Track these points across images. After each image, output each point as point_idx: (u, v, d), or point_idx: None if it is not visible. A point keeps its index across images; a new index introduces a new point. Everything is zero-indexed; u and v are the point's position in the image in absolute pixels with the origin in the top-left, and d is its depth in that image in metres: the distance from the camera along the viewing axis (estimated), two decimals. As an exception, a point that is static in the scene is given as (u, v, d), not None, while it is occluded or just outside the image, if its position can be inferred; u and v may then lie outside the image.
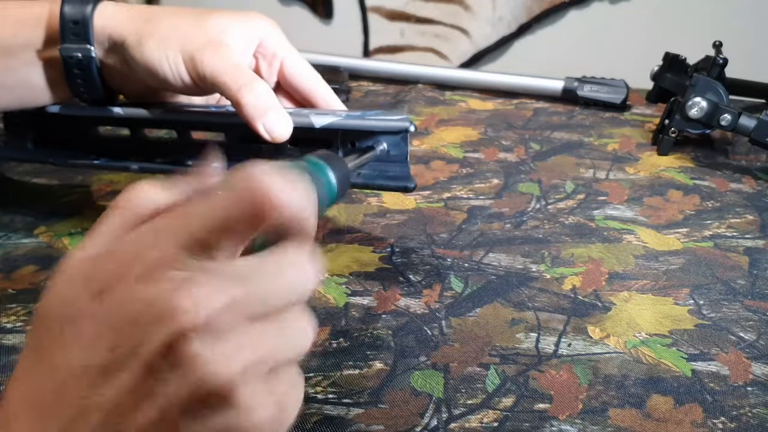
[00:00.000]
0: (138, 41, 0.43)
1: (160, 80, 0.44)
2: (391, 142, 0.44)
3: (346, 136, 0.45)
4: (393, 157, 0.45)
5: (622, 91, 0.83)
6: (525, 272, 0.48)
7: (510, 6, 1.52)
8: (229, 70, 0.42)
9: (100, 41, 0.45)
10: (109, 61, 0.46)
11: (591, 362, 0.39)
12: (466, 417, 0.35)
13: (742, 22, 1.32)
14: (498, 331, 0.42)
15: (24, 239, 0.53)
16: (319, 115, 0.45)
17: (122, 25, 0.44)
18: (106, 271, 0.23)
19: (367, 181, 0.46)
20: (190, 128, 0.50)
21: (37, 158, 0.55)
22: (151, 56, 0.43)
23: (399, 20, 1.62)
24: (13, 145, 0.54)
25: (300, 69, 0.47)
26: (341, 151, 0.46)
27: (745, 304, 0.45)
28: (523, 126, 0.78)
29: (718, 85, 0.65)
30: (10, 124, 0.53)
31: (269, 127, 0.42)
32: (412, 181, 0.46)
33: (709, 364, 0.39)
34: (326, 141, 0.46)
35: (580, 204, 0.58)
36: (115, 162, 0.52)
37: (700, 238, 0.53)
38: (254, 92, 0.41)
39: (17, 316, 0.44)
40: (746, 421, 0.35)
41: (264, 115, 0.41)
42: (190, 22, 0.44)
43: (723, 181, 0.63)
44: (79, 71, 0.45)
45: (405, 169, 0.45)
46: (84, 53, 0.44)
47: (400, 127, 0.44)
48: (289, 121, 0.42)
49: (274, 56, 0.47)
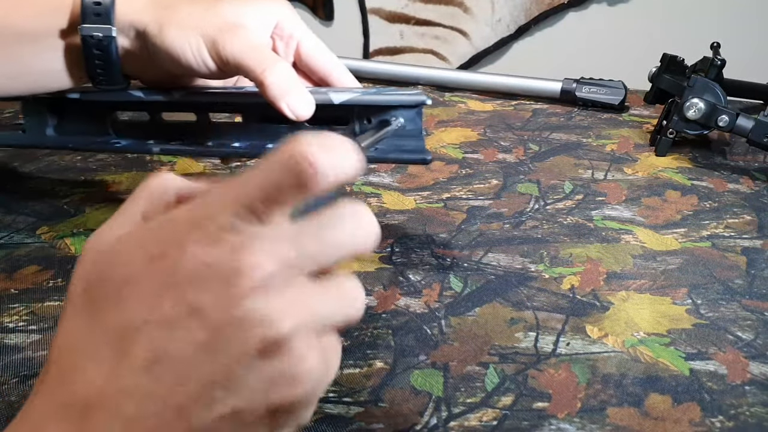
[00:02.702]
0: (159, 29, 0.44)
1: (183, 67, 0.44)
2: (406, 117, 0.45)
3: (362, 112, 0.46)
4: (408, 132, 0.46)
5: (621, 93, 0.83)
6: (524, 272, 0.48)
7: (509, 8, 1.52)
8: (252, 52, 0.43)
9: (121, 27, 0.45)
10: (130, 47, 0.46)
11: (589, 361, 0.39)
12: (465, 415, 0.36)
13: (740, 24, 1.32)
14: (497, 330, 0.42)
15: (26, 239, 0.53)
16: (337, 93, 0.46)
17: (142, 11, 0.45)
18: (161, 238, 0.24)
19: (383, 155, 0.47)
20: (210, 110, 0.51)
21: (57, 145, 0.55)
22: (172, 43, 0.43)
23: (399, 22, 1.62)
24: (33, 133, 0.54)
25: (317, 50, 0.48)
26: (358, 127, 0.47)
27: (743, 303, 0.45)
28: (522, 127, 0.78)
29: (715, 86, 0.66)
30: (29, 112, 0.53)
31: (293, 106, 0.42)
32: (428, 154, 0.47)
33: (707, 363, 0.39)
34: (343, 118, 0.47)
35: (578, 204, 0.59)
36: (136, 144, 0.52)
37: (697, 238, 0.53)
38: (277, 73, 0.42)
39: (19, 316, 0.44)
40: (744, 420, 0.35)
41: (287, 95, 0.42)
42: (206, 8, 0.44)
43: (721, 182, 0.63)
44: (99, 52, 0.45)
45: (420, 143, 0.46)
46: (105, 33, 0.44)
47: (417, 101, 0.45)
48: (311, 99, 0.43)
49: (291, 37, 0.47)
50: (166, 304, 0.23)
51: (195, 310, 0.23)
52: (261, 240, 0.24)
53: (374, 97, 0.46)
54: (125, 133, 0.53)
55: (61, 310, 0.27)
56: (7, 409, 0.36)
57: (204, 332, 0.23)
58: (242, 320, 0.23)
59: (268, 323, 0.23)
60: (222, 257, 0.23)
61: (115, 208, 0.27)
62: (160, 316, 0.23)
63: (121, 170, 0.66)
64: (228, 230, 0.24)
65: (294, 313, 0.23)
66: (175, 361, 0.23)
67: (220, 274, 0.23)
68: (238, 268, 0.23)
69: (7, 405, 0.36)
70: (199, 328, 0.23)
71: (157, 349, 0.23)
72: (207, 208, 0.25)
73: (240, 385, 0.23)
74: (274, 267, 0.23)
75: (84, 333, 0.25)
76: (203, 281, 0.23)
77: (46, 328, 0.43)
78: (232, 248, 0.23)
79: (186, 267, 0.23)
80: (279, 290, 0.23)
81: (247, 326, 0.23)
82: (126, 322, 0.24)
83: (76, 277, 0.26)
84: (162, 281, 0.24)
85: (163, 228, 0.25)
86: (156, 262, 0.24)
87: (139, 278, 0.24)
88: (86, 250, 0.26)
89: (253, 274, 0.23)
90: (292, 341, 0.23)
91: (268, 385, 0.23)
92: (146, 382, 0.23)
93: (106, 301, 0.25)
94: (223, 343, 0.23)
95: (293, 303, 0.24)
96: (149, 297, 0.24)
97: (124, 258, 0.25)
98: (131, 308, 0.24)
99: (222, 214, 0.24)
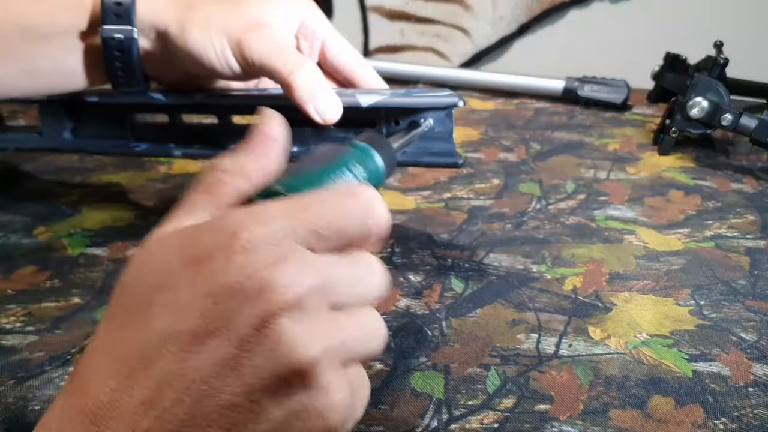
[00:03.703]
0: (181, 29, 0.43)
1: (206, 68, 0.43)
2: (436, 119, 0.44)
3: (390, 113, 0.45)
4: (438, 134, 0.44)
5: (623, 91, 0.83)
6: (526, 273, 0.48)
7: (510, 6, 1.51)
8: (277, 53, 0.42)
9: (141, 28, 0.44)
10: (150, 48, 0.45)
11: (592, 363, 0.39)
12: (466, 418, 0.35)
13: (743, 22, 1.31)
14: (498, 331, 0.42)
15: (23, 239, 0.53)
16: (364, 95, 0.44)
17: (163, 11, 0.44)
18: (204, 241, 0.24)
19: (413, 159, 0.45)
20: (232, 113, 0.50)
21: (75, 148, 0.54)
22: (195, 44, 0.42)
23: (399, 20, 1.61)
24: (50, 136, 0.53)
25: (342, 49, 0.47)
26: (385, 129, 0.45)
27: (746, 304, 0.45)
28: (524, 126, 0.78)
29: (719, 85, 0.65)
30: (46, 115, 0.53)
31: (320, 110, 0.42)
32: (459, 157, 0.45)
33: (710, 364, 0.39)
34: (371, 120, 0.45)
35: (580, 204, 0.58)
36: (156, 148, 0.51)
37: (701, 238, 0.53)
38: (305, 74, 0.41)
39: (16, 317, 0.43)
40: (747, 422, 0.35)
41: (315, 98, 0.41)
42: (229, 8, 0.43)
43: (724, 182, 0.63)
44: (119, 53, 0.44)
45: (450, 146, 0.45)
46: (126, 35, 0.43)
47: (449, 103, 0.43)
48: (338, 102, 0.42)
49: (315, 36, 0.46)
50: (197, 313, 0.23)
51: (227, 323, 0.22)
52: (300, 262, 0.23)
53: (403, 100, 0.44)
54: (144, 135, 0.52)
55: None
56: (4, 411, 0.35)
57: (231, 348, 0.22)
58: (270, 339, 0.22)
59: (295, 346, 0.22)
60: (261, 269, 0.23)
61: (112, 208, 0.27)
62: (190, 327, 0.23)
63: (118, 170, 0.65)
64: (275, 244, 0.23)
65: (321, 339, 0.23)
66: (200, 377, 0.22)
67: (256, 286, 0.22)
68: (273, 283, 0.22)
69: (4, 407, 0.35)
70: (228, 343, 0.22)
71: (183, 362, 0.22)
72: (266, 217, 0.24)
73: (261, 413, 0.22)
74: (307, 290, 0.23)
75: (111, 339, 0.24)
76: (238, 291, 0.23)
77: (42, 329, 0.42)
78: (273, 261, 0.23)
79: (223, 274, 0.23)
80: (308, 314, 0.23)
81: (274, 347, 0.22)
82: (153, 331, 0.23)
83: (120, 278, 0.25)
84: (196, 289, 0.23)
85: (206, 232, 0.25)
86: (192, 266, 0.23)
87: (172, 284, 0.23)
88: (137, 251, 0.26)
89: (287, 292, 0.22)
90: (318, 371, 0.22)
91: (291, 419, 0.22)
92: (167, 398, 0.22)
93: (136, 308, 0.24)
94: (248, 361, 0.22)
95: (321, 329, 0.23)
96: (180, 306, 0.23)
97: (159, 261, 0.24)
98: (160, 316, 0.23)
99: (278, 229, 0.24)
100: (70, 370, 0.25)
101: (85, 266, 0.49)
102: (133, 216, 0.55)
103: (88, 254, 0.51)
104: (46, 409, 0.25)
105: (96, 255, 0.51)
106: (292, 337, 0.22)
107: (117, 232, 0.53)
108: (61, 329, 0.42)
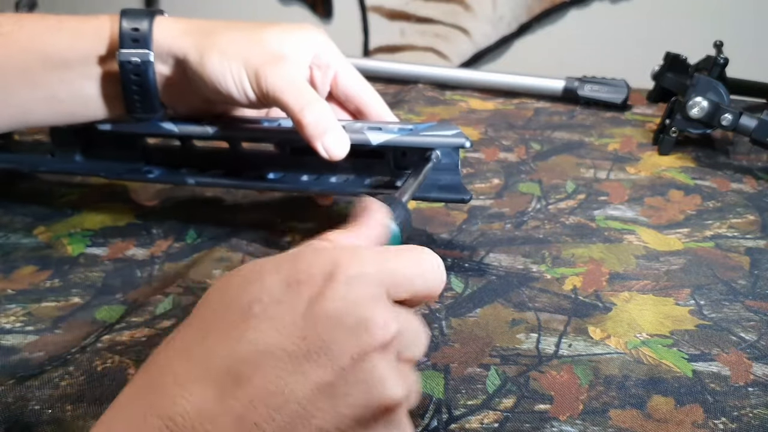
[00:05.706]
0: (200, 56, 0.43)
1: (223, 95, 0.44)
2: (443, 152, 0.45)
3: (398, 148, 0.47)
4: (444, 165, 0.46)
5: (623, 91, 0.83)
6: (525, 272, 0.48)
7: (510, 5, 1.51)
8: (291, 88, 0.43)
9: (159, 54, 0.44)
10: (167, 73, 0.45)
11: (592, 363, 0.39)
12: (466, 418, 0.35)
13: (743, 22, 1.32)
14: (498, 331, 0.42)
15: (23, 239, 0.53)
16: (373, 131, 0.46)
17: (181, 38, 0.44)
18: (306, 266, 0.25)
19: (421, 194, 0.46)
20: (243, 141, 0.51)
21: (86, 171, 0.54)
22: (213, 71, 0.43)
23: (399, 20, 1.61)
24: (61, 157, 0.54)
25: (354, 81, 0.49)
26: (392, 162, 0.47)
27: (746, 304, 0.45)
28: (524, 126, 0.78)
29: (719, 84, 0.65)
30: (57, 135, 0.53)
31: (327, 147, 0.43)
32: (467, 193, 0.47)
33: (710, 364, 0.39)
34: (379, 153, 0.47)
35: (580, 204, 0.58)
36: (169, 175, 0.52)
37: (701, 238, 0.53)
38: (315, 113, 0.42)
39: (16, 317, 0.43)
40: (747, 422, 0.35)
41: (323, 135, 0.43)
42: (247, 36, 0.44)
43: (724, 181, 0.63)
44: (136, 77, 0.44)
45: (456, 178, 0.46)
46: (142, 58, 0.44)
47: (456, 143, 0.45)
48: (346, 140, 0.43)
49: (329, 67, 0.47)
50: (297, 333, 0.23)
51: (326, 348, 0.23)
52: (387, 307, 0.25)
53: (412, 139, 0.45)
54: (157, 159, 0.53)
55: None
56: (4, 411, 0.35)
57: (330, 374, 0.23)
58: (366, 373, 0.23)
59: (389, 384, 0.24)
60: (365, 304, 0.24)
61: (112, 208, 0.27)
62: (289, 346, 0.23)
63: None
64: (374, 287, 0.25)
65: (404, 382, 0.25)
66: (295, 398, 0.22)
67: (359, 319, 0.24)
68: (374, 319, 0.24)
69: (4, 407, 0.35)
70: (326, 368, 0.23)
71: (280, 380, 0.23)
72: (364, 264, 0.26)
73: None
74: (394, 334, 0.25)
75: (195, 344, 0.24)
76: (338, 322, 0.24)
77: (42, 329, 0.42)
78: (374, 299, 0.25)
79: (327, 301, 0.24)
80: (393, 357, 0.25)
81: (369, 380, 0.23)
82: (251, 345, 0.23)
83: (211, 287, 0.26)
84: (296, 310, 0.24)
85: (308, 258, 0.26)
86: (294, 288, 0.24)
87: (272, 301, 0.24)
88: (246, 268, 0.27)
89: (382, 332, 0.24)
90: (402, 408, 0.24)
91: None
92: (259, 415, 0.22)
93: (229, 317, 0.24)
94: (345, 389, 0.23)
95: (402, 373, 0.25)
96: (280, 324, 0.23)
97: (258, 277, 0.25)
98: (258, 329, 0.23)
99: (379, 278, 0.26)
100: (141, 367, 0.25)
101: (85, 266, 0.49)
102: (133, 216, 0.55)
103: (88, 254, 0.51)
104: (46, 409, 0.25)
105: (96, 255, 0.51)
106: (385, 374, 0.24)
107: (117, 232, 0.53)
108: (61, 329, 0.42)
